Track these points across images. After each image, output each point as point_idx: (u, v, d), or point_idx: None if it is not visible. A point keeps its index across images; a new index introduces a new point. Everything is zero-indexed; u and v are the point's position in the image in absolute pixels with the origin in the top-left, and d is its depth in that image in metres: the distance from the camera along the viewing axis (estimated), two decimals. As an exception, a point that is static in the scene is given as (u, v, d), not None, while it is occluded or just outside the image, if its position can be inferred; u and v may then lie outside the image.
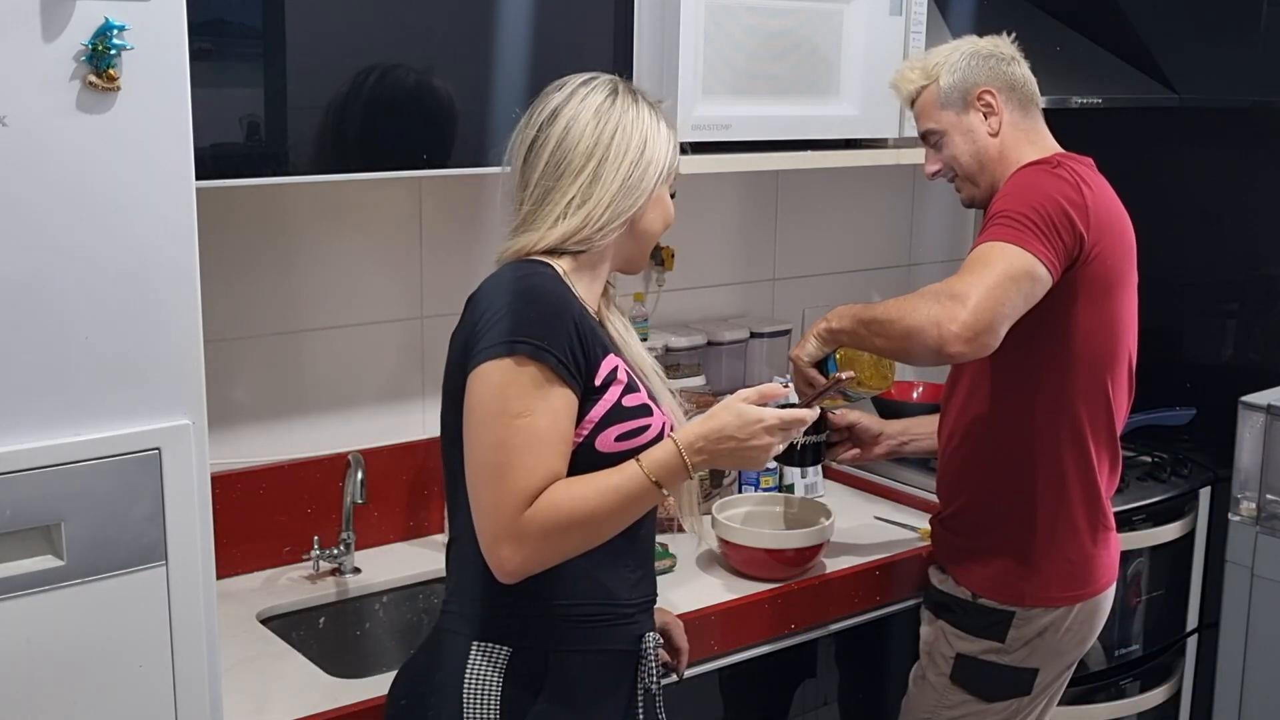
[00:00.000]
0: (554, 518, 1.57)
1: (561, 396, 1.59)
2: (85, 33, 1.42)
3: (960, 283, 1.95)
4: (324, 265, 2.36)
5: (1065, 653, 2.19)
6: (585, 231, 1.67)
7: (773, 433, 1.62)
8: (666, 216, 1.77)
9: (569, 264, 1.70)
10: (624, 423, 1.65)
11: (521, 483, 1.57)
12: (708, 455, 1.62)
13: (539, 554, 1.59)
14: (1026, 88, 2.18)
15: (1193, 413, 2.95)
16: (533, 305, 1.61)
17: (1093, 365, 2.10)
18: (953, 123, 2.16)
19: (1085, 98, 2.78)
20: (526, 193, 1.70)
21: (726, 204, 2.95)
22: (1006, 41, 2.21)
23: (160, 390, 1.54)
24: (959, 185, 2.22)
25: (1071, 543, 2.16)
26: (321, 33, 1.96)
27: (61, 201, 1.44)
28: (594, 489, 1.59)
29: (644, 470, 1.60)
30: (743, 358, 2.90)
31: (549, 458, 1.58)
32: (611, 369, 1.66)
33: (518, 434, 1.57)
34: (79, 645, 1.51)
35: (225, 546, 1.91)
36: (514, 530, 1.57)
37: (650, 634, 1.74)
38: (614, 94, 1.71)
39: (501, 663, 1.65)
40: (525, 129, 1.71)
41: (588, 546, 1.62)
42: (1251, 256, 3.04)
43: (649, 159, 1.69)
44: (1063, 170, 2.06)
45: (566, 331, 1.60)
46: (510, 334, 1.59)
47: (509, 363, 1.58)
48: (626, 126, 1.68)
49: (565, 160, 1.67)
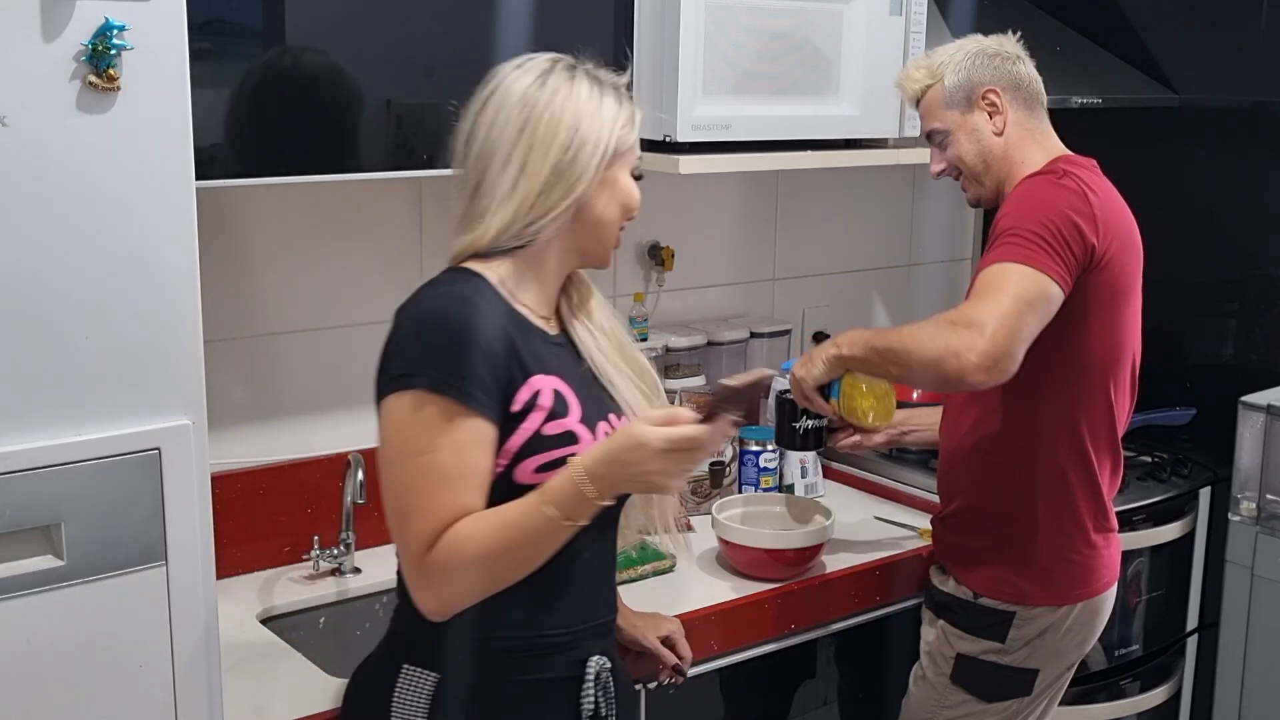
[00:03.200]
0: (454, 558, 1.49)
1: (469, 430, 1.50)
2: (85, 33, 1.43)
3: (975, 309, 1.93)
4: (324, 265, 2.36)
5: (1066, 653, 2.18)
6: (516, 226, 1.56)
7: (666, 456, 1.46)
8: (625, 201, 1.63)
9: (508, 267, 1.59)
10: (544, 453, 1.54)
11: (425, 524, 1.49)
12: (608, 481, 1.48)
13: (448, 594, 1.52)
14: (1031, 86, 2.17)
15: (1193, 413, 2.95)
16: (435, 332, 1.51)
17: (1097, 370, 2.10)
18: (957, 122, 2.16)
19: (1085, 98, 2.78)
20: (463, 189, 1.60)
21: (726, 204, 2.95)
22: (1012, 40, 2.20)
23: (160, 390, 1.54)
24: (965, 185, 2.22)
25: (1072, 543, 2.15)
26: (322, 33, 1.96)
27: (61, 201, 1.44)
28: (492, 525, 1.50)
29: (543, 502, 1.49)
30: (743, 358, 2.89)
31: (455, 495, 1.49)
32: (533, 394, 1.55)
33: (417, 475, 1.49)
34: (79, 645, 1.51)
35: (225, 546, 1.91)
36: (420, 572, 1.51)
37: (595, 659, 1.65)
38: (545, 74, 1.58)
39: (428, 691, 1.58)
40: (462, 120, 1.61)
41: (507, 581, 1.53)
42: (1251, 256, 3.04)
43: (584, 139, 1.55)
44: (1068, 180, 2.05)
45: (470, 360, 1.50)
46: (410, 366, 1.50)
47: (408, 398, 1.50)
48: (556, 107, 1.55)
49: (492, 151, 1.56)
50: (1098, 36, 3.03)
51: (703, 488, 2.59)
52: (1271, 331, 3.02)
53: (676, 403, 2.64)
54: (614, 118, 1.59)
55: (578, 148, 1.56)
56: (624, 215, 1.65)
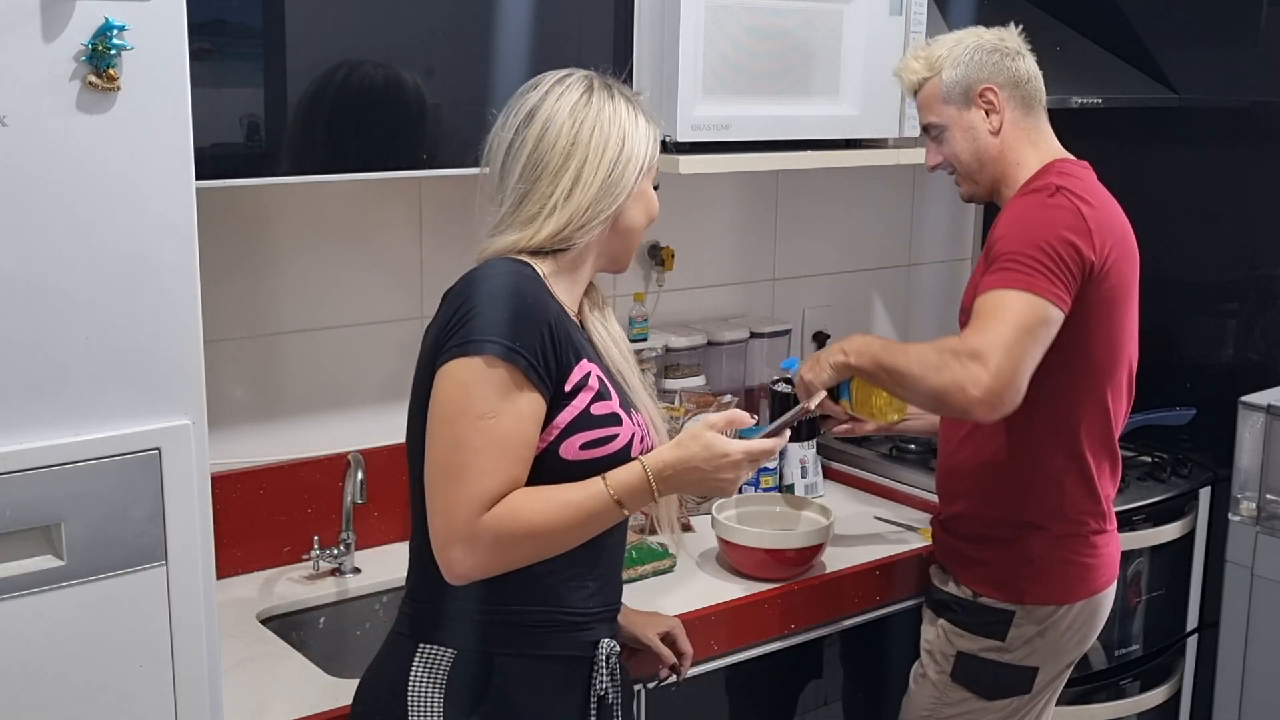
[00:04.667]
0: (510, 527, 1.55)
1: (529, 401, 1.57)
2: (85, 33, 1.42)
3: (979, 340, 1.94)
4: (324, 265, 2.36)
5: (1066, 652, 2.19)
6: (567, 231, 1.65)
7: (739, 466, 1.62)
8: (650, 211, 1.75)
9: (549, 265, 1.68)
10: (590, 430, 1.62)
11: (479, 485, 1.54)
12: (675, 483, 1.62)
13: (491, 560, 1.57)
14: (1031, 84, 2.16)
15: (1193, 413, 2.95)
16: (507, 304, 1.58)
17: (1095, 374, 2.10)
18: (954, 118, 2.15)
19: (1085, 98, 2.78)
20: (505, 195, 1.68)
21: (726, 204, 2.95)
22: (1014, 34, 2.19)
23: (160, 390, 1.54)
24: (959, 181, 2.21)
25: (1072, 545, 2.15)
26: (321, 33, 1.96)
27: (61, 201, 1.44)
28: (556, 502, 1.57)
29: (609, 490, 1.58)
30: (743, 358, 2.90)
31: (509, 463, 1.56)
32: (583, 375, 1.63)
33: (479, 435, 1.54)
34: (79, 645, 1.51)
35: (225, 546, 1.91)
36: (468, 533, 1.54)
37: (606, 640, 1.71)
38: (589, 90, 1.68)
39: (445, 666, 1.63)
40: (501, 131, 1.69)
41: (542, 557, 1.60)
42: (1251, 256, 3.04)
43: (629, 155, 1.67)
44: (1060, 198, 2.03)
45: (539, 333, 1.58)
46: (482, 332, 1.56)
47: (478, 362, 1.55)
48: (604, 124, 1.66)
49: (543, 162, 1.65)
50: (1098, 36, 3.03)
51: (703, 488, 2.59)
52: (1271, 331, 3.02)
53: (677, 403, 2.65)
54: (648, 134, 1.71)
55: (625, 162, 1.67)
56: (649, 223, 1.76)
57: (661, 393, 2.71)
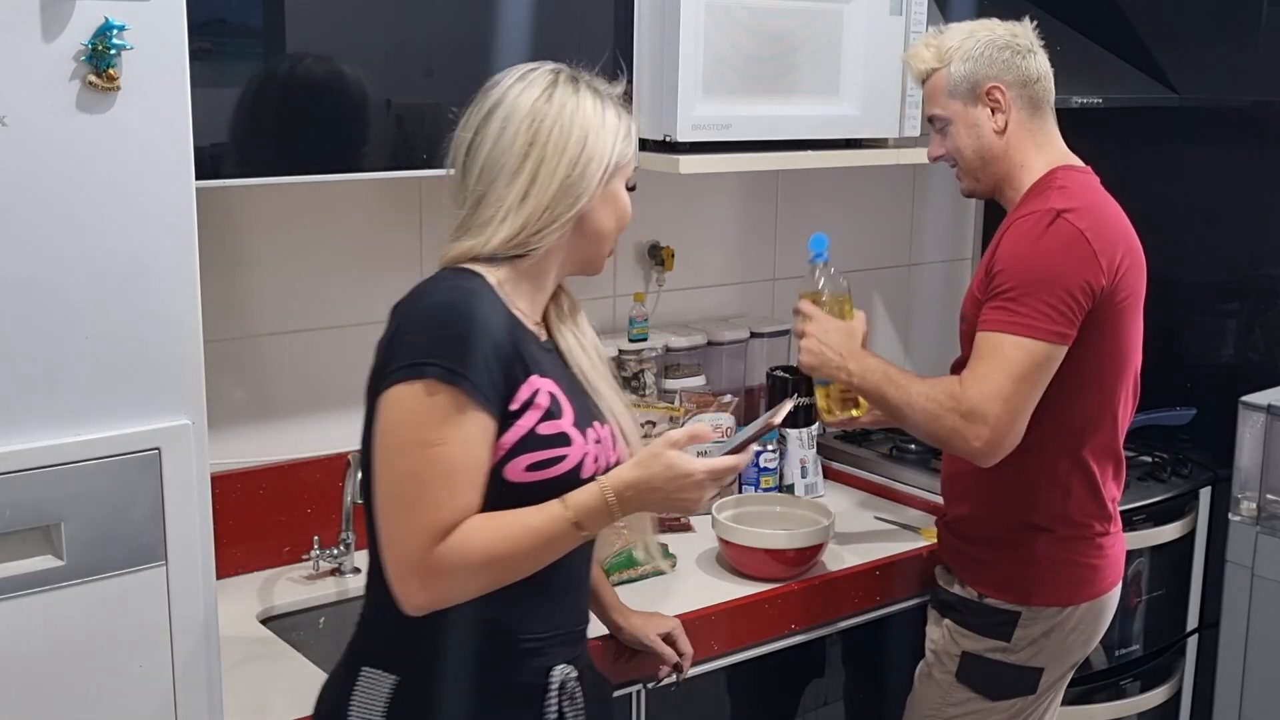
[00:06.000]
0: (466, 557, 1.49)
1: (476, 423, 1.50)
2: (85, 33, 1.43)
3: (978, 393, 1.96)
4: (324, 265, 2.36)
5: (1071, 653, 2.18)
6: (522, 236, 1.57)
7: (703, 486, 1.56)
8: (620, 214, 1.66)
9: (507, 272, 1.60)
10: (536, 451, 1.55)
11: (432, 516, 1.48)
12: (636, 504, 1.55)
13: (448, 591, 1.52)
14: (1040, 84, 2.12)
15: (1193, 413, 2.95)
16: (447, 324, 1.51)
17: (1102, 381, 2.08)
18: (959, 113, 2.13)
19: (1085, 98, 2.78)
20: (465, 196, 1.61)
21: (726, 204, 2.95)
22: (1028, 29, 2.15)
23: (160, 390, 1.54)
24: (960, 175, 2.19)
25: (1077, 547, 2.15)
26: (321, 33, 1.96)
27: (61, 201, 1.44)
28: (511, 528, 1.51)
29: (566, 512, 1.52)
30: (743, 358, 2.90)
31: (459, 490, 1.50)
32: (532, 392, 1.56)
33: (427, 465, 1.48)
34: (79, 645, 1.51)
35: (225, 546, 1.91)
36: (421, 566, 1.49)
37: (560, 667, 1.63)
38: (553, 85, 1.59)
39: (386, 693, 1.57)
40: (463, 129, 1.62)
41: (502, 584, 1.54)
42: (1251, 256, 3.04)
43: (591, 154, 1.58)
44: (1061, 225, 1.99)
45: (482, 352, 1.51)
46: (422, 354, 1.49)
47: (419, 387, 1.48)
48: (565, 122, 1.57)
49: (500, 162, 1.57)
50: (1098, 36, 3.03)
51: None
52: (1271, 331, 3.02)
53: (677, 403, 2.65)
54: (615, 131, 1.62)
55: (585, 162, 1.58)
56: (620, 226, 1.67)
57: (661, 393, 2.71)
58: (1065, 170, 2.11)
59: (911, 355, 3.37)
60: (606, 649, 1.99)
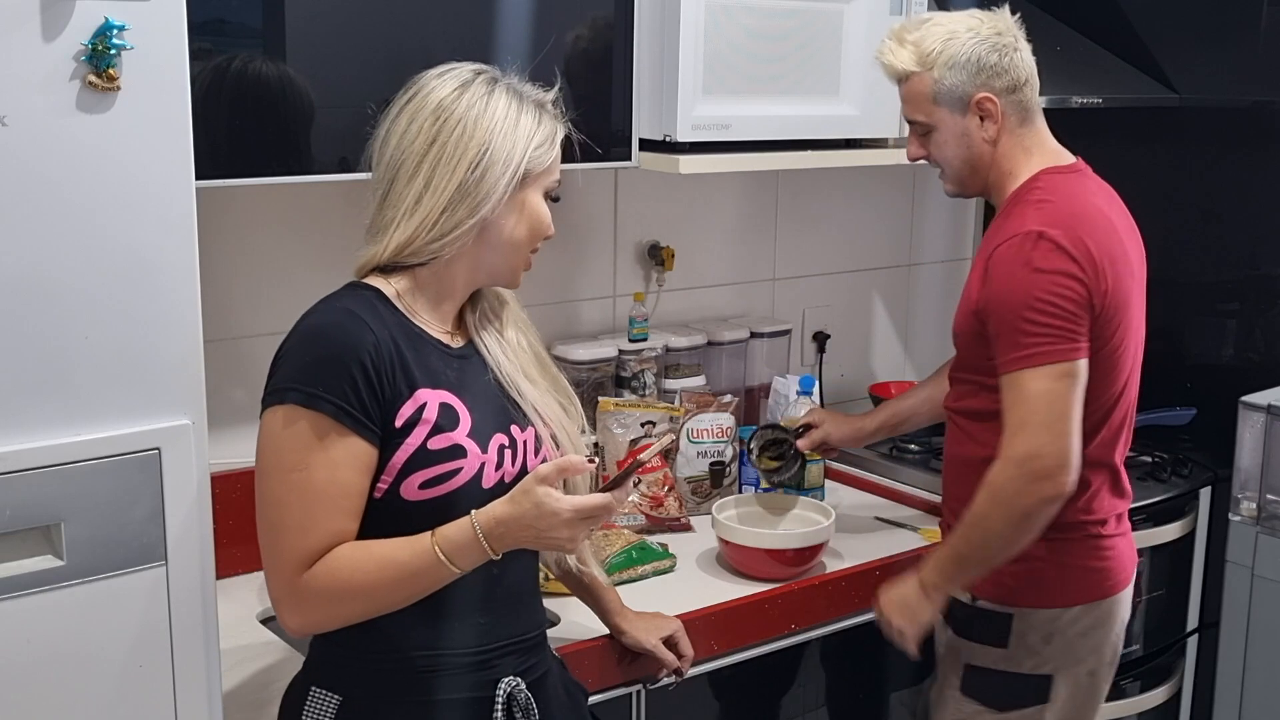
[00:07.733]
0: (331, 586, 1.48)
1: (345, 447, 1.47)
2: (85, 33, 1.43)
3: (1026, 444, 1.93)
4: (324, 265, 2.35)
5: (1081, 658, 2.14)
6: (417, 244, 1.52)
7: (573, 525, 1.49)
8: (534, 224, 1.57)
9: (407, 282, 1.56)
10: (427, 469, 1.51)
11: (295, 543, 1.48)
12: (509, 540, 1.50)
13: (321, 617, 1.52)
14: (1029, 85, 2.08)
15: (1193, 413, 2.95)
16: (311, 348, 1.50)
17: (1099, 388, 2.06)
18: (946, 122, 2.08)
19: (1085, 98, 2.78)
20: (373, 196, 1.56)
21: (726, 204, 2.95)
22: (1009, 20, 2.08)
23: (160, 390, 1.54)
24: (943, 177, 2.16)
25: (1070, 548, 2.12)
26: (321, 33, 1.96)
27: (61, 201, 1.44)
28: (377, 561, 1.49)
29: (435, 548, 1.48)
30: (743, 358, 2.89)
31: (326, 516, 1.48)
32: (417, 409, 1.51)
33: (290, 491, 1.48)
34: (79, 645, 1.51)
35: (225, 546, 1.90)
36: (290, 592, 1.50)
37: (507, 680, 1.60)
38: (464, 85, 1.53)
39: (331, 712, 1.57)
40: (378, 125, 1.57)
41: (378, 613, 1.52)
42: (1251, 256, 3.04)
43: (494, 159, 1.51)
44: (1043, 246, 1.95)
45: (348, 374, 1.47)
46: (286, 379, 1.49)
47: (281, 413, 1.48)
48: (469, 122, 1.50)
49: (399, 164, 1.52)
50: (1098, 36, 3.03)
51: (703, 488, 2.59)
52: (1271, 331, 3.02)
53: (677, 403, 2.65)
54: (529, 136, 1.54)
55: (486, 166, 1.51)
56: (534, 238, 1.60)
57: (661, 393, 2.71)
58: (1048, 175, 2.07)
59: (911, 355, 3.37)
60: (607, 650, 1.99)
